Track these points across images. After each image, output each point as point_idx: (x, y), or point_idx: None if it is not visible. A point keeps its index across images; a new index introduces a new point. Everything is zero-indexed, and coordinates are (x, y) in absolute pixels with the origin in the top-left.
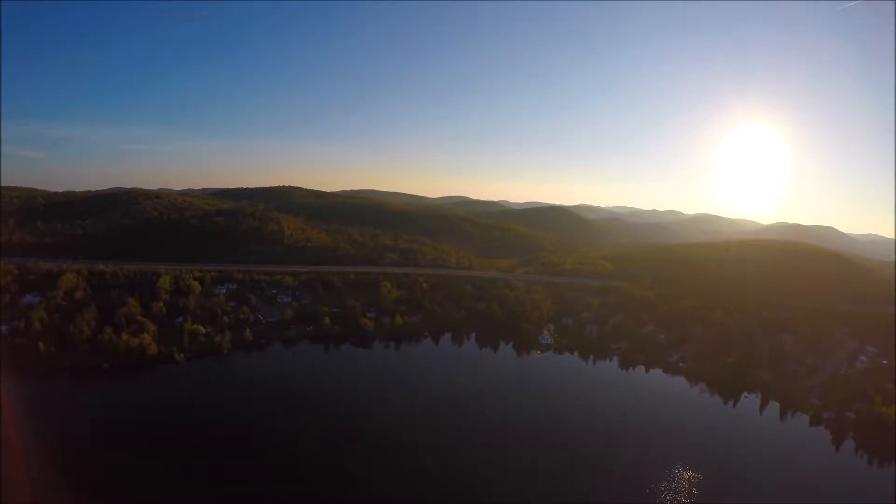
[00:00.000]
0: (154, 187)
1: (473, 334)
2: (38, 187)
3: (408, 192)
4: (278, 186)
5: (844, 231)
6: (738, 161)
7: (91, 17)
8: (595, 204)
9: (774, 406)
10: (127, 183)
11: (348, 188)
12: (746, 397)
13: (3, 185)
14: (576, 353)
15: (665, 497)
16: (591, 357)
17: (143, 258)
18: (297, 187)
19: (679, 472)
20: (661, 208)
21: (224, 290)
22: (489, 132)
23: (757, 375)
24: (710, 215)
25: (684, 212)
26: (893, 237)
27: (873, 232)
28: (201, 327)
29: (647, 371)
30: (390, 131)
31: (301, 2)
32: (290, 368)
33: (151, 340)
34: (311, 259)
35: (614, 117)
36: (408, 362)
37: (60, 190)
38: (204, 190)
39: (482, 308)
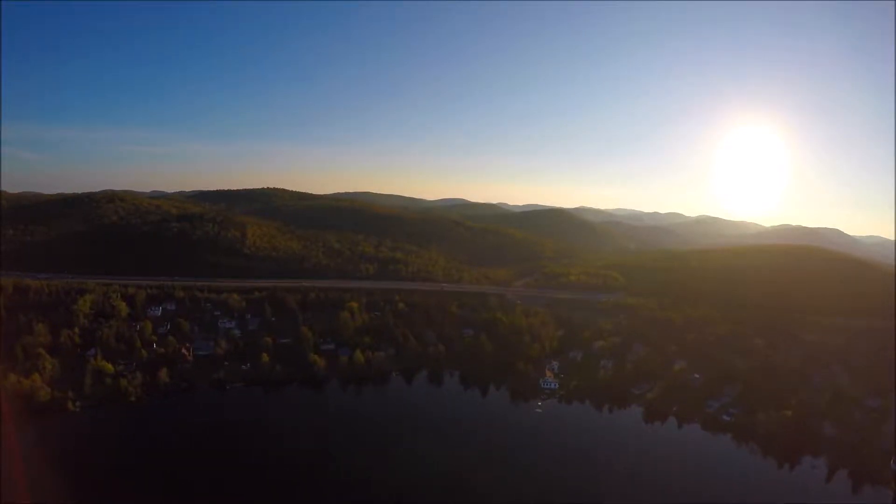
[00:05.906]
0: (147, 189)
1: (457, 373)
2: (34, 190)
3: (405, 195)
4: (261, 188)
5: (848, 233)
6: (738, 162)
7: (90, 19)
8: (595, 206)
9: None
10: (121, 185)
11: (345, 191)
12: (814, 468)
13: None
14: (587, 401)
15: None
16: (608, 406)
17: (86, 269)
18: (282, 189)
19: None
20: (661, 210)
21: (159, 312)
22: (488, 134)
23: (819, 429)
24: (712, 217)
25: (686, 214)
26: (894, 238)
27: (874, 233)
28: (110, 365)
29: (679, 426)
30: (389, 133)
31: (301, 3)
32: (181, 432)
33: (42, 382)
34: (274, 271)
35: (614, 119)
36: (353, 426)
37: (54, 192)
38: (193, 192)
39: (469, 338)
